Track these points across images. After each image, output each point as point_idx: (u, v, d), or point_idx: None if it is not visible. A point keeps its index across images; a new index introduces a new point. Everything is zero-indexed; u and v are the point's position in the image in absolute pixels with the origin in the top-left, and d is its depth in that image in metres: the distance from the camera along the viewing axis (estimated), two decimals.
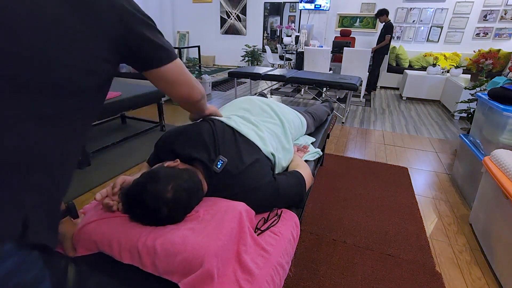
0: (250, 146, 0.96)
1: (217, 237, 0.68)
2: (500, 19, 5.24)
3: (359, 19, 6.12)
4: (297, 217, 0.92)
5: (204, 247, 0.65)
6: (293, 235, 0.86)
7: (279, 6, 6.82)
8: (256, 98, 1.36)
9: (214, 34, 7.68)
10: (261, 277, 0.67)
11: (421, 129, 3.41)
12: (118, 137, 2.64)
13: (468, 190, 1.95)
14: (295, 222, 0.89)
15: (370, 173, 2.27)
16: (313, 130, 1.66)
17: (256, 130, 1.07)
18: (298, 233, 0.89)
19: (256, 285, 0.65)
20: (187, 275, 0.63)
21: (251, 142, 0.98)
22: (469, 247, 1.54)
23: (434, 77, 4.57)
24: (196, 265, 0.63)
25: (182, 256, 0.64)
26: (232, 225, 0.72)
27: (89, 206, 0.90)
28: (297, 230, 0.88)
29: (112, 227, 0.74)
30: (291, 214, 0.92)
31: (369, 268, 1.35)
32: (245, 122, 1.11)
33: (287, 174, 1.00)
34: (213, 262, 0.63)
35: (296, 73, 3.79)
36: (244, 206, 0.80)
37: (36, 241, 0.42)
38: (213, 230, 0.70)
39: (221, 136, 0.94)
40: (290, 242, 0.83)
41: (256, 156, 0.93)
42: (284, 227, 0.85)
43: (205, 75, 4.60)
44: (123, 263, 0.70)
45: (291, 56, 6.19)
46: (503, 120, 1.63)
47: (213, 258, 0.63)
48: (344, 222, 1.67)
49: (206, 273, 0.62)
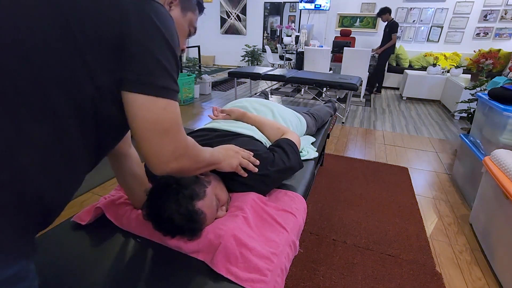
0: (238, 138, 1.00)
1: (234, 220, 0.76)
2: (500, 19, 5.24)
3: (359, 19, 6.12)
4: (305, 203, 0.97)
5: (224, 227, 0.73)
6: (303, 218, 0.92)
7: (279, 6, 6.82)
8: (252, 99, 1.37)
9: (214, 34, 7.69)
10: (281, 253, 0.73)
11: (421, 129, 3.41)
12: None
13: (468, 190, 1.95)
14: (304, 207, 0.94)
15: (370, 173, 2.27)
16: (314, 131, 1.65)
17: (238, 124, 1.12)
18: (305, 217, 0.93)
19: (278, 260, 0.70)
20: (210, 254, 0.71)
21: (235, 133, 1.03)
22: (469, 247, 1.54)
23: (434, 77, 4.57)
24: (216, 244, 0.70)
25: (207, 238, 0.73)
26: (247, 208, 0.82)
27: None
28: (304, 214, 0.92)
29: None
30: (301, 199, 0.97)
31: (369, 268, 1.35)
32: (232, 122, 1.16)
33: (277, 148, 1.01)
34: (230, 239, 0.70)
35: (296, 73, 3.79)
36: (254, 194, 0.89)
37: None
38: (230, 216, 0.80)
39: (214, 137, 1.01)
40: (301, 224, 0.89)
41: (251, 146, 0.95)
42: (298, 209, 0.90)
43: (205, 75, 4.60)
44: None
45: (291, 56, 6.19)
46: (503, 120, 1.63)
47: (230, 237, 0.70)
48: (344, 222, 1.67)
49: (224, 249, 0.69)
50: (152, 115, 0.48)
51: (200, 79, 4.52)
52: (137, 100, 0.47)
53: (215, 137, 1.00)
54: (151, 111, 0.48)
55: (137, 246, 0.78)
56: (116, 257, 0.75)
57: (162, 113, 0.49)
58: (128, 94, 0.47)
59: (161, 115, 0.49)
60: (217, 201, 0.80)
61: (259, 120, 1.14)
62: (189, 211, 0.69)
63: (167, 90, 0.49)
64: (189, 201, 0.70)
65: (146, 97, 0.47)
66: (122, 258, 0.74)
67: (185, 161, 0.57)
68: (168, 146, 0.52)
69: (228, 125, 1.09)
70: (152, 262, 0.73)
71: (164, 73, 0.49)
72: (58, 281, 0.67)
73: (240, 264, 0.67)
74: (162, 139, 0.50)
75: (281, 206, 0.88)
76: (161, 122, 0.49)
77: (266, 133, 1.12)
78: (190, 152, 0.58)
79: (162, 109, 0.49)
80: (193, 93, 4.11)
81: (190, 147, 0.58)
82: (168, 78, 0.49)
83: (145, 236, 0.80)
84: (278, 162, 0.93)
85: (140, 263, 0.72)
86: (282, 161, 0.93)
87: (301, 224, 0.88)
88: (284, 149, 0.97)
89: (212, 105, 4.04)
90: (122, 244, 0.78)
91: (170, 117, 0.50)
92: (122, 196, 0.92)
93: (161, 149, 0.51)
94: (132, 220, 0.83)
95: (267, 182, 0.92)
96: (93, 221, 0.86)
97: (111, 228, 0.83)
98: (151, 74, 0.47)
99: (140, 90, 0.47)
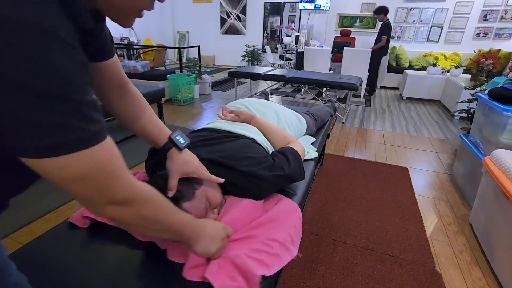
0: (238, 139, 0.98)
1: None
2: (500, 19, 5.24)
3: (359, 19, 6.12)
4: (300, 211, 0.92)
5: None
6: (295, 225, 0.84)
7: (279, 6, 6.82)
8: (252, 99, 1.36)
9: (214, 34, 7.69)
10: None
11: (421, 129, 3.41)
12: (118, 137, 2.64)
13: (468, 190, 1.95)
14: (299, 216, 0.89)
15: (370, 173, 2.27)
16: (314, 131, 1.65)
17: (241, 126, 1.10)
18: (301, 224, 0.89)
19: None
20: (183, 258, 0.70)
21: (236, 135, 1.01)
22: (469, 247, 1.54)
23: (434, 77, 4.57)
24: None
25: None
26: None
27: None
28: (299, 222, 0.87)
29: None
30: (296, 207, 0.92)
31: (369, 268, 1.35)
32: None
33: (279, 154, 0.99)
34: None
35: (296, 73, 3.79)
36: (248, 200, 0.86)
37: None
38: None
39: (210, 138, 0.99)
40: (292, 228, 0.83)
41: (250, 149, 0.94)
42: (286, 216, 0.85)
43: (205, 75, 4.60)
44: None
45: (291, 56, 6.19)
46: (503, 120, 1.63)
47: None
48: (344, 222, 1.67)
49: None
50: (53, 176, 0.40)
51: (200, 79, 4.52)
52: (27, 163, 0.38)
53: (214, 138, 0.99)
54: (50, 173, 0.39)
55: (136, 246, 0.78)
56: (115, 257, 0.75)
57: (61, 172, 0.39)
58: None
59: (63, 175, 0.39)
60: (207, 203, 0.78)
61: (267, 126, 1.12)
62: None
63: (53, 148, 0.37)
64: (175, 202, 0.69)
65: (33, 160, 0.38)
66: (120, 258, 0.74)
67: (131, 211, 0.49)
68: (97, 196, 0.44)
69: (230, 126, 1.08)
70: (152, 262, 0.73)
71: (35, 129, 0.35)
72: (56, 281, 0.67)
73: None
74: (85, 191, 0.43)
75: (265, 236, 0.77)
76: (69, 180, 0.41)
77: (272, 139, 1.10)
78: (139, 203, 0.50)
79: (59, 170, 0.39)
80: (193, 93, 4.11)
81: (138, 196, 0.49)
82: (42, 133, 0.36)
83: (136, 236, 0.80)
84: (278, 168, 0.90)
85: (139, 263, 0.72)
86: (282, 167, 0.91)
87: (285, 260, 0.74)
88: (287, 157, 0.95)
89: (212, 105, 4.05)
90: (120, 244, 0.78)
91: (79, 172, 0.40)
92: None
93: (90, 199, 0.44)
94: None
95: (263, 186, 0.88)
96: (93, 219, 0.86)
97: (109, 228, 0.83)
98: (19, 137, 0.36)
99: (22, 155, 0.37)
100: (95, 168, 0.42)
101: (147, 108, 0.77)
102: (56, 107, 0.36)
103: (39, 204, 1.69)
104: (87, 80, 0.40)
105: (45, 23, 0.33)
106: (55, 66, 0.35)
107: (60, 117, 0.36)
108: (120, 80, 0.72)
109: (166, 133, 0.77)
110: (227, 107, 1.21)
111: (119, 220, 0.50)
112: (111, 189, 0.45)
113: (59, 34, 0.35)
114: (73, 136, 0.38)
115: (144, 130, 0.76)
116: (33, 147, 0.36)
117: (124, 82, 0.72)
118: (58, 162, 0.38)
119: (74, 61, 0.38)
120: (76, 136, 0.38)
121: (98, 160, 0.42)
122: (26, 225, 1.54)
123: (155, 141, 0.77)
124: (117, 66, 0.69)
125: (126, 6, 0.45)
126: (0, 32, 0.31)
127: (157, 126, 0.77)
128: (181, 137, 0.77)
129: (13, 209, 0.56)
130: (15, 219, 1.55)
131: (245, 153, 0.91)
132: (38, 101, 0.34)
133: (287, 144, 1.06)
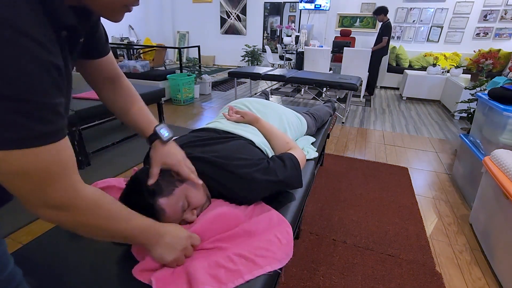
0: (235, 140, 0.98)
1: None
2: (500, 19, 5.24)
3: (359, 19, 6.12)
4: (288, 225, 0.82)
5: None
6: (278, 238, 0.76)
7: (279, 6, 6.82)
8: (252, 99, 1.36)
9: (214, 34, 7.69)
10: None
11: (421, 129, 3.41)
12: (118, 137, 2.64)
13: (468, 190, 1.95)
14: (286, 230, 0.80)
15: (370, 173, 2.27)
16: (314, 131, 1.65)
17: (241, 126, 1.09)
18: (290, 239, 0.78)
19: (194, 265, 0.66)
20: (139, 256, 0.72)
21: (234, 135, 1.00)
22: (469, 247, 1.54)
23: (434, 77, 4.57)
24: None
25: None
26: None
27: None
28: (287, 237, 0.78)
29: None
30: (282, 220, 0.83)
31: (369, 268, 1.35)
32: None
33: (277, 159, 0.96)
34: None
35: (296, 73, 3.79)
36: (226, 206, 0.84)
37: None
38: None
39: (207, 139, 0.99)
40: (271, 242, 0.75)
41: (244, 151, 0.93)
42: (265, 231, 0.78)
43: (205, 75, 4.60)
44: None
45: (291, 56, 6.19)
46: (503, 120, 1.63)
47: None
48: (344, 222, 1.67)
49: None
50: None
51: (200, 79, 4.52)
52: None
53: (212, 138, 0.99)
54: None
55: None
56: (115, 257, 0.75)
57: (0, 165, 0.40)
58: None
59: (1, 167, 0.40)
60: (185, 203, 0.76)
61: (270, 130, 1.11)
62: (148, 204, 0.70)
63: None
64: (151, 196, 0.70)
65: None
66: (120, 258, 0.74)
67: (68, 216, 0.48)
68: (32, 196, 0.44)
69: (230, 126, 1.07)
70: None
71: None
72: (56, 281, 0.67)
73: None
74: (20, 189, 0.43)
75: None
76: (6, 175, 0.42)
77: (274, 144, 1.08)
78: (79, 209, 0.49)
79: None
80: (193, 93, 4.11)
81: (78, 202, 0.48)
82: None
83: None
84: (271, 172, 0.87)
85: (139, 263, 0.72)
86: (275, 172, 0.87)
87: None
88: (284, 162, 0.93)
89: (212, 105, 4.05)
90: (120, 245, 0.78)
91: (18, 169, 0.41)
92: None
93: (25, 198, 0.44)
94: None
95: (252, 188, 0.85)
96: None
97: None
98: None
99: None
100: (34, 168, 0.42)
101: (138, 100, 0.80)
102: (6, 105, 0.36)
103: None
104: (52, 82, 0.40)
105: (12, 20, 0.34)
106: (12, 65, 0.35)
107: (9, 115, 0.37)
108: (114, 75, 0.74)
109: (154, 125, 0.79)
110: (233, 107, 1.20)
111: (56, 223, 0.49)
112: (47, 192, 0.44)
113: (27, 32, 0.35)
114: (18, 135, 0.39)
115: (135, 121, 0.78)
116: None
117: (117, 76, 0.75)
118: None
119: (39, 61, 0.38)
120: (21, 135, 0.39)
121: (39, 161, 0.42)
122: (26, 225, 1.54)
123: (143, 132, 0.79)
124: (111, 63, 0.72)
125: (110, 2, 0.46)
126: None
127: (146, 118, 0.79)
128: (165, 130, 0.78)
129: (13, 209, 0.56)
130: (15, 219, 1.55)
131: (240, 154, 0.89)
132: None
133: (288, 150, 1.03)
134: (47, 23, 0.40)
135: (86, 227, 0.52)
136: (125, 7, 0.48)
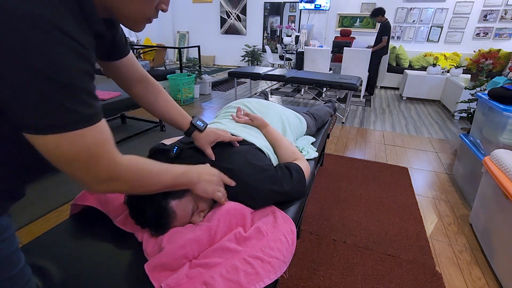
0: (241, 147, 0.97)
1: (194, 231, 0.73)
2: (500, 19, 5.24)
3: (359, 19, 6.12)
4: (293, 224, 0.84)
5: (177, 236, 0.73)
6: (286, 238, 0.78)
7: (279, 6, 6.82)
8: (252, 99, 1.36)
9: (214, 34, 7.69)
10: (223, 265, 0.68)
11: (421, 129, 3.41)
12: (118, 137, 2.64)
13: (468, 190, 1.95)
14: (291, 229, 0.81)
15: (370, 173, 2.27)
16: (314, 131, 1.65)
17: (243, 128, 1.08)
18: (294, 239, 0.80)
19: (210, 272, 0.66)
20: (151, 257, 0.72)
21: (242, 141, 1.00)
22: (469, 247, 1.54)
23: (434, 77, 4.57)
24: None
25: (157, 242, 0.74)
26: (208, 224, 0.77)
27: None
28: (293, 236, 0.80)
29: None
30: (288, 220, 0.85)
31: (369, 268, 1.35)
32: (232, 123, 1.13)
33: (285, 168, 0.95)
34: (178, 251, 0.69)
35: (296, 73, 3.79)
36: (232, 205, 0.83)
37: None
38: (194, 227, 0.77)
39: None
40: (281, 242, 0.77)
41: (252, 156, 0.92)
42: (274, 229, 0.80)
43: (205, 75, 4.60)
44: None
45: (291, 56, 6.19)
46: (503, 120, 1.63)
47: (179, 248, 0.69)
48: (344, 222, 1.67)
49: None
50: (50, 153, 0.45)
51: (200, 79, 4.52)
52: (30, 139, 0.43)
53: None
54: (48, 149, 0.44)
55: (137, 246, 0.77)
56: (115, 257, 0.75)
57: (56, 150, 0.44)
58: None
59: (57, 152, 0.44)
60: (195, 206, 0.78)
61: (277, 138, 1.09)
62: (161, 206, 0.71)
63: (51, 127, 0.42)
64: (164, 198, 0.72)
65: (34, 136, 0.43)
66: (120, 258, 0.74)
67: (119, 185, 0.55)
68: (85, 175, 0.49)
69: (231, 127, 1.06)
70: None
71: (37, 108, 0.40)
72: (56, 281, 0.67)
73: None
74: (75, 171, 0.48)
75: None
76: (62, 158, 0.45)
77: (280, 153, 1.06)
78: (125, 177, 0.55)
79: (55, 147, 0.44)
80: (193, 93, 4.11)
81: (123, 172, 0.54)
82: (44, 112, 0.41)
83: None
84: (278, 182, 0.87)
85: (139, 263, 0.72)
86: (282, 183, 0.88)
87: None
88: (292, 174, 0.91)
89: (212, 105, 4.05)
90: (121, 245, 0.78)
91: (70, 151, 0.45)
92: None
93: (80, 178, 0.49)
94: (116, 208, 0.84)
95: (256, 196, 0.86)
96: (92, 219, 0.86)
97: (109, 228, 0.83)
98: (24, 115, 0.41)
99: (25, 131, 0.42)
100: (83, 149, 0.46)
101: (169, 98, 0.90)
102: (56, 90, 0.40)
103: (39, 204, 1.69)
104: (85, 70, 0.44)
105: (52, 19, 0.39)
106: (57, 55, 0.40)
107: (58, 100, 0.41)
108: (140, 75, 0.81)
109: (188, 119, 0.91)
110: (242, 109, 1.19)
111: (113, 192, 0.59)
112: (97, 169, 0.49)
113: (64, 29, 0.40)
114: (68, 118, 0.43)
115: (171, 118, 0.89)
116: (33, 124, 0.41)
117: (144, 77, 0.83)
118: (53, 139, 0.43)
119: (75, 52, 0.42)
120: (70, 118, 0.43)
121: (86, 142, 0.46)
122: (26, 225, 1.54)
123: (180, 126, 0.91)
124: (133, 63, 0.78)
125: (134, 16, 0.53)
126: (16, 25, 0.37)
127: (180, 114, 0.90)
128: (200, 122, 0.91)
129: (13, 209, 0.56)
130: (15, 219, 1.54)
131: (246, 158, 0.88)
132: (41, 84, 0.39)
133: (294, 160, 1.02)
134: (86, 28, 0.46)
135: (138, 188, 0.60)
136: (147, 19, 0.55)
